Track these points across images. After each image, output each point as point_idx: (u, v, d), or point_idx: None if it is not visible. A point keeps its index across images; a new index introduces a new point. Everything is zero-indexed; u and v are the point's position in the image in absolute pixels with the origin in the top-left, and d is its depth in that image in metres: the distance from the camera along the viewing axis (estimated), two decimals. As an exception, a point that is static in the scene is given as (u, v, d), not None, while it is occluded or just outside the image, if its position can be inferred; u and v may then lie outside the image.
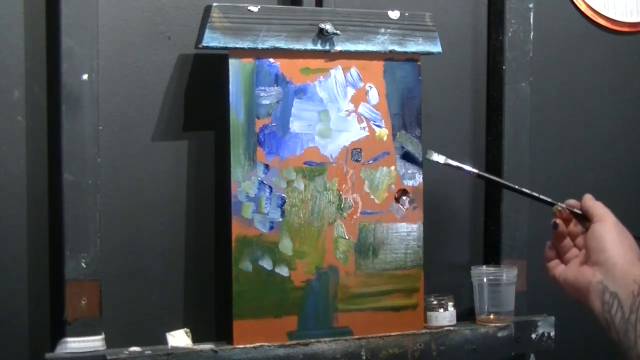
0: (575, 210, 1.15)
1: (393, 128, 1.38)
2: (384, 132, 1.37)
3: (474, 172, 1.27)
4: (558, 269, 1.15)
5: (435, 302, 1.41)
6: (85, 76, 1.21)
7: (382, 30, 1.35)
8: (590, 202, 1.16)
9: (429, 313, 1.41)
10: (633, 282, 1.03)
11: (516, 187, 1.29)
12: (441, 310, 1.41)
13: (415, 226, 1.39)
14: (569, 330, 1.53)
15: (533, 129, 1.51)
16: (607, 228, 1.11)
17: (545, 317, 1.48)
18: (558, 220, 1.18)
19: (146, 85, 1.30)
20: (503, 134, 1.49)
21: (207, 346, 1.28)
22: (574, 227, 1.17)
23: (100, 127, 1.24)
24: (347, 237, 1.35)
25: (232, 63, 1.27)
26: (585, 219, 1.15)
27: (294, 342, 1.30)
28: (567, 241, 1.16)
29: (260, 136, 1.29)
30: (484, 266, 1.46)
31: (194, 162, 1.33)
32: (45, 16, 1.24)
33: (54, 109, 1.23)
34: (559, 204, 1.17)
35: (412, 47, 1.37)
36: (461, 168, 1.27)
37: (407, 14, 1.37)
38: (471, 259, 1.52)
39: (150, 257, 1.31)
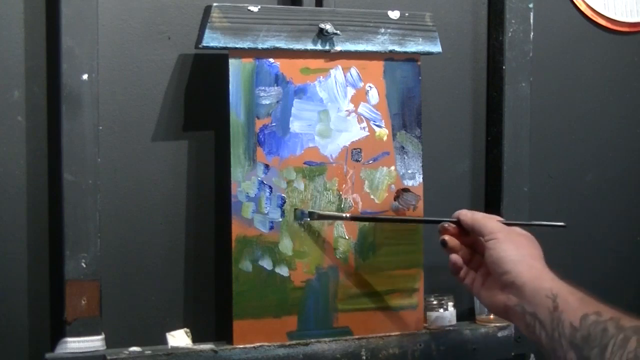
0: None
1: (393, 128, 1.38)
2: (384, 132, 1.37)
3: (347, 217, 1.32)
4: (467, 278, 1.14)
5: (435, 302, 1.41)
6: (85, 76, 1.21)
7: (382, 30, 1.35)
8: (470, 218, 1.13)
9: (429, 313, 1.41)
10: (546, 297, 0.99)
11: (395, 217, 1.35)
12: (441, 310, 1.41)
13: (414, 225, 1.39)
14: (569, 330, 1.53)
15: (533, 129, 1.51)
16: (501, 246, 1.07)
17: (545, 317, 1.48)
18: (446, 237, 1.16)
19: (146, 85, 1.30)
20: (503, 134, 1.49)
21: (207, 346, 1.28)
22: (467, 236, 1.16)
23: (100, 127, 1.24)
24: (347, 237, 1.35)
25: (232, 63, 1.27)
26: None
27: (294, 342, 1.31)
28: (466, 250, 1.16)
29: (260, 136, 1.29)
30: (484, 266, 1.46)
31: (194, 162, 1.33)
32: (45, 16, 1.24)
33: (54, 109, 1.23)
34: (445, 220, 1.18)
35: (412, 47, 1.37)
36: (336, 217, 1.32)
37: (407, 14, 1.37)
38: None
39: (150, 257, 1.31)
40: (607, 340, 0.92)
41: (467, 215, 1.16)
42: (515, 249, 1.07)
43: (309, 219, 1.32)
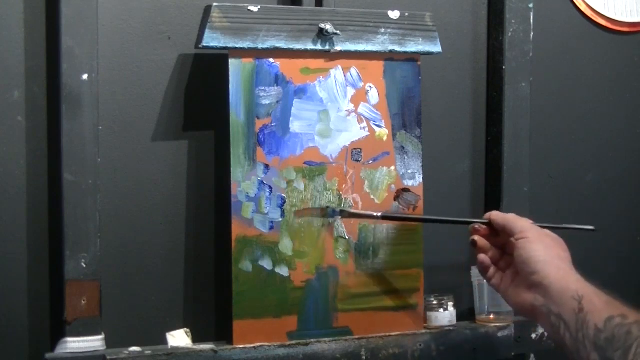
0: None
1: (393, 128, 1.38)
2: (384, 132, 1.37)
3: (378, 216, 1.32)
4: (495, 278, 1.15)
5: (435, 302, 1.41)
6: (85, 76, 1.21)
7: (382, 30, 1.35)
8: (502, 218, 1.15)
9: (429, 313, 1.41)
10: (572, 299, 1.00)
11: (427, 217, 1.36)
12: (441, 310, 1.41)
13: (414, 225, 1.39)
14: (569, 330, 1.53)
15: (533, 129, 1.51)
16: (531, 246, 1.09)
17: (545, 317, 1.48)
18: (476, 237, 1.18)
19: (146, 85, 1.30)
20: (503, 134, 1.49)
21: (207, 346, 1.28)
22: (497, 237, 1.18)
23: (100, 127, 1.24)
24: (347, 237, 1.35)
25: (232, 63, 1.27)
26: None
27: (294, 342, 1.30)
28: (495, 251, 1.17)
29: (260, 136, 1.29)
30: (484, 266, 1.46)
31: (194, 162, 1.33)
32: (45, 16, 1.24)
33: (54, 109, 1.23)
34: (476, 221, 1.20)
35: (412, 47, 1.37)
36: (367, 215, 1.32)
37: (407, 14, 1.37)
38: (471, 259, 1.52)
39: (150, 257, 1.31)
40: (631, 343, 0.93)
41: (499, 215, 1.18)
42: (544, 250, 1.08)
43: (340, 217, 1.33)
